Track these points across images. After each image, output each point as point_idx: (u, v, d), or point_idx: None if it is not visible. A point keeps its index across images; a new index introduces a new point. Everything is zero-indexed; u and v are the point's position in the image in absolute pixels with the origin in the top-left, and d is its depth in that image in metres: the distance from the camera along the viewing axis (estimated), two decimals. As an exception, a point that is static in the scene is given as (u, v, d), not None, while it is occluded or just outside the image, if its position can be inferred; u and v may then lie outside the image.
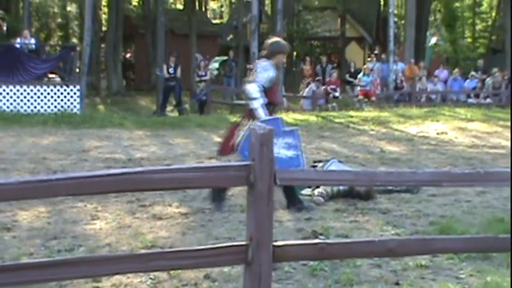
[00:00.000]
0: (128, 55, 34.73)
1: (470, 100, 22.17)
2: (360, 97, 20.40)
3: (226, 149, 7.30)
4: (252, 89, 7.02)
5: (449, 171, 3.64)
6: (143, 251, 4.19)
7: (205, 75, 21.34)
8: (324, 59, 23.01)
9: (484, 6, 43.81)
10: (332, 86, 21.09)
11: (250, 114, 7.09)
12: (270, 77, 7.08)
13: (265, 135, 3.41)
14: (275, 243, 3.44)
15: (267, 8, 41.28)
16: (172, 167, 3.42)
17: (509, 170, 3.65)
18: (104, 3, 34.61)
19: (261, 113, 6.92)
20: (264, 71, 7.08)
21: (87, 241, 6.00)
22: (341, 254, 3.51)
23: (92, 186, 3.13)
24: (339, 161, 8.27)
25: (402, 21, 34.63)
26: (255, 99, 6.99)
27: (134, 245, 5.85)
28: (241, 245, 3.43)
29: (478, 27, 41.07)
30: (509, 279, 4.84)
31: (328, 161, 8.16)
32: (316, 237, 6.16)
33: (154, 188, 3.31)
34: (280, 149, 6.76)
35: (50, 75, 18.17)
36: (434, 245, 3.60)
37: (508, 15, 27.88)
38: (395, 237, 4.13)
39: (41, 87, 16.77)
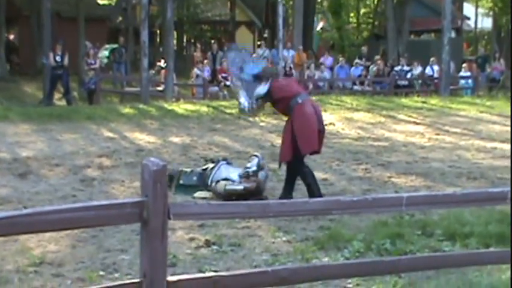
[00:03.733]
0: (11, 37, 33.22)
1: (355, 87, 22.88)
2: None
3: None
4: None
5: (338, 200, 3.78)
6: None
7: (95, 63, 20.85)
8: (215, 46, 23.00)
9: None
10: (223, 74, 21.13)
11: None
12: None
13: (158, 171, 3.41)
14: (169, 279, 3.46)
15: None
16: (63, 207, 3.35)
17: (396, 195, 3.82)
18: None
19: None
20: None
21: (-31, 260, 5.77)
22: (235, 285, 3.56)
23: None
24: (228, 163, 8.38)
25: (291, 3, 35.09)
26: None
27: (21, 263, 5.69)
28: (135, 282, 3.43)
29: (362, 10, 42.29)
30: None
31: (218, 162, 8.27)
32: (209, 247, 6.23)
33: (44, 230, 3.24)
34: None
35: None
36: (325, 271, 3.74)
37: (389, 2, 28.86)
38: (288, 267, 4.25)
39: None
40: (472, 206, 4.98)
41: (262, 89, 7.66)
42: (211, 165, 8.35)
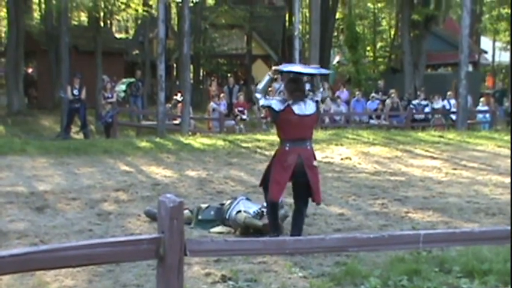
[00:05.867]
0: (29, 70, 33.69)
1: (372, 121, 22.88)
2: (268, 119, 20.65)
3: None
4: None
5: (355, 237, 3.75)
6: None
7: (112, 97, 21.09)
8: (231, 80, 23.14)
9: (384, 25, 45.45)
10: (240, 108, 21.26)
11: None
12: None
13: (175, 208, 3.41)
14: (185, 317, 3.44)
15: (174, 22, 41.22)
16: (80, 243, 3.36)
17: (413, 232, 3.79)
18: (2, 14, 33.72)
19: None
20: None
21: (-14, 295, 5.78)
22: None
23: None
24: (247, 199, 8.36)
25: (307, 36, 35.32)
26: None
27: (38, 297, 5.70)
28: (151, 319, 3.41)
29: (379, 44, 42.51)
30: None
31: (236, 198, 8.25)
32: (225, 282, 6.20)
33: (60, 266, 3.24)
34: None
35: None
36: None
37: (405, 36, 29.00)
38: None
39: None
40: (491, 244, 4.92)
41: (275, 102, 7.59)
42: (230, 201, 8.36)
